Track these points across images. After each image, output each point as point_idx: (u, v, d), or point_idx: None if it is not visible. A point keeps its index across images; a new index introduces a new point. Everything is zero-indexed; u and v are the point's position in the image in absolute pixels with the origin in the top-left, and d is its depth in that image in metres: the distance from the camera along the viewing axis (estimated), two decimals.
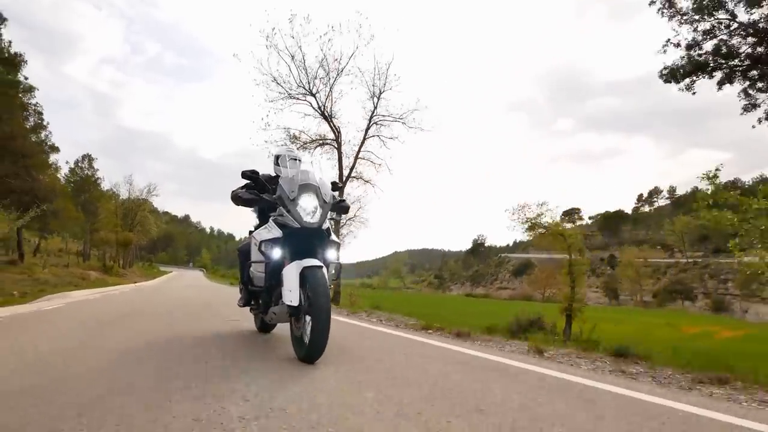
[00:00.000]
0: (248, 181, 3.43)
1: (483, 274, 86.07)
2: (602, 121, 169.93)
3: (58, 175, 25.78)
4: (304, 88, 12.81)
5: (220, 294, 13.00)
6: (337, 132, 13.45)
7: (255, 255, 3.20)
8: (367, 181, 13.82)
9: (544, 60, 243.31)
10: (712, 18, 9.12)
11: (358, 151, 13.56)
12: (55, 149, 22.46)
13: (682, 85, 9.87)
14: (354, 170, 13.64)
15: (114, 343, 3.33)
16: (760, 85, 9.36)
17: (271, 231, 2.92)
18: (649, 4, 9.74)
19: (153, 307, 7.30)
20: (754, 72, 9.07)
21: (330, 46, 12.56)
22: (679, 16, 9.69)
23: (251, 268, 3.36)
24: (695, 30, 9.48)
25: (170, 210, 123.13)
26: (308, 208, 2.83)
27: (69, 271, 19.09)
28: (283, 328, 3.84)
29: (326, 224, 2.96)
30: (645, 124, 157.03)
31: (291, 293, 2.60)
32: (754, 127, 9.63)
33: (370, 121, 13.42)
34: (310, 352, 2.60)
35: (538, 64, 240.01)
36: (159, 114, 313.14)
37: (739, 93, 9.63)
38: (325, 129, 13.69)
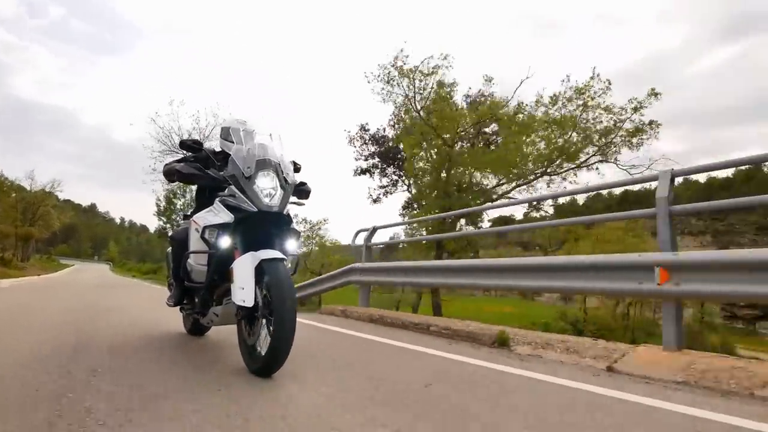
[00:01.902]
0: (188, 153, 2.95)
1: None
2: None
3: None
4: (177, 149, 17.05)
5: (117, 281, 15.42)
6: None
7: (195, 244, 2.60)
8: None
9: (474, 70, 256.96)
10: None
11: None
12: None
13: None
14: None
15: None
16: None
17: (219, 215, 2.39)
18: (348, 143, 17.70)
19: (67, 288, 7.30)
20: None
21: (197, 120, 17.93)
22: (356, 147, 18.14)
23: (189, 260, 2.66)
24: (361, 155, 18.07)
25: (74, 198, 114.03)
26: (266, 189, 2.32)
27: None
28: (219, 331, 3.29)
29: (286, 209, 2.45)
30: None
31: (244, 291, 2.07)
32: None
33: None
34: (268, 362, 2.07)
35: (468, 74, 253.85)
36: (64, 88, 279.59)
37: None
38: None
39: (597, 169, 14.67)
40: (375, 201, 17.62)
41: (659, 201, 3.04)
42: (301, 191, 2.74)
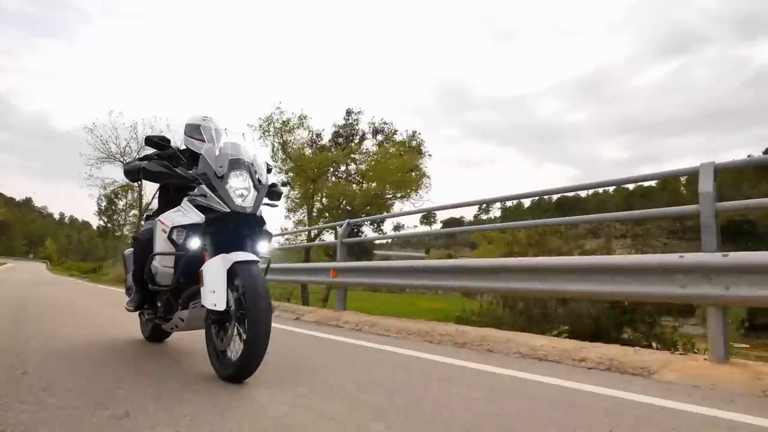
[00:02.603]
0: (153, 150, 2.80)
1: None
2: (482, 132, 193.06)
3: None
4: (116, 155, 19.56)
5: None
6: (140, 183, 18.60)
7: (161, 245, 2.48)
8: None
9: (436, 70, 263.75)
10: None
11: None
12: None
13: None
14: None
15: None
16: None
17: (188, 215, 2.32)
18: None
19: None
20: None
21: (136, 130, 19.13)
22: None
23: (154, 262, 2.53)
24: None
25: (6, 191, 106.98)
26: (239, 189, 2.25)
27: None
28: (179, 337, 3.22)
29: (259, 211, 2.38)
30: (515, 137, 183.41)
31: (215, 294, 2.02)
32: None
33: None
34: (242, 367, 2.01)
35: (430, 73, 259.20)
36: None
37: None
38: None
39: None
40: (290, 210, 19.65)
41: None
42: (273, 192, 2.62)
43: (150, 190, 20.59)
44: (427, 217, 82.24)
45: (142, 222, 3.06)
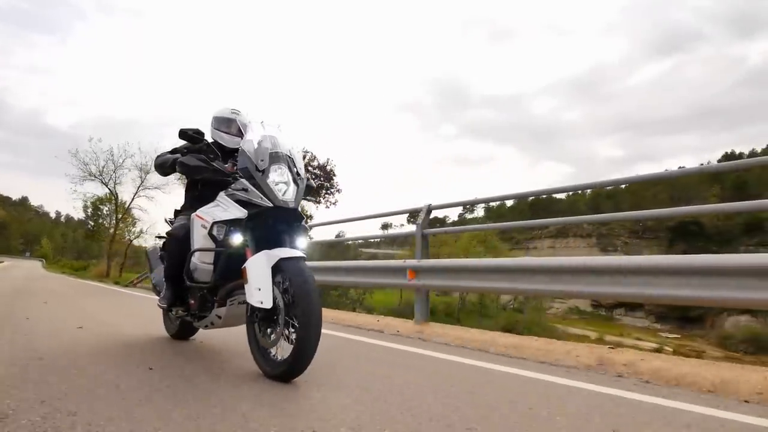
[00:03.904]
0: (184, 142, 2.63)
1: None
2: (479, 130, 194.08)
3: None
4: (96, 174, 22.23)
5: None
6: (115, 195, 23.77)
7: (200, 241, 2.40)
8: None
9: (432, 68, 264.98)
10: None
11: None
12: None
13: None
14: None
15: None
16: None
17: (228, 210, 2.27)
18: None
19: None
20: None
21: (112, 155, 21.61)
22: None
23: (194, 258, 2.44)
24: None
25: (2, 190, 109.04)
26: (279, 184, 2.22)
27: None
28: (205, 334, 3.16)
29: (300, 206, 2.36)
30: (513, 136, 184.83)
31: (261, 292, 1.99)
32: None
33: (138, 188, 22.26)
34: (293, 367, 1.96)
35: (427, 71, 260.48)
36: None
37: None
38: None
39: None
40: None
41: None
42: (307, 187, 2.50)
43: (129, 196, 23.22)
44: (413, 215, 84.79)
45: (166, 219, 3.08)
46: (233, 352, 2.75)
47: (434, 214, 4.97)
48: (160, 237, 3.13)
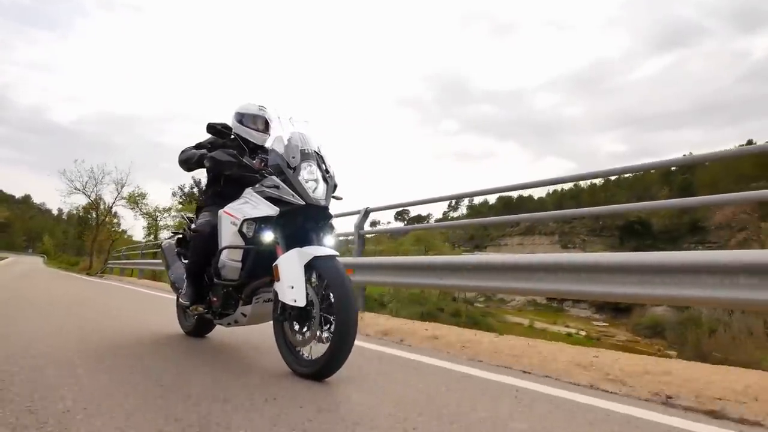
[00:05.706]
0: (211, 137, 2.66)
1: None
2: (480, 125, 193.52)
3: None
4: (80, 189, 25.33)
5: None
6: (96, 204, 27.28)
7: (229, 238, 2.35)
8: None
9: (433, 63, 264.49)
10: None
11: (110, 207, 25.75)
12: None
13: None
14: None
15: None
16: None
17: (258, 207, 2.25)
18: None
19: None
20: None
21: (93, 173, 24.01)
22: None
23: (222, 256, 2.39)
24: None
25: (5, 188, 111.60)
26: (310, 181, 2.20)
27: None
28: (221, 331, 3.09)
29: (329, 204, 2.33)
30: (514, 131, 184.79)
31: (294, 290, 1.97)
32: None
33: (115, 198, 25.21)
34: (328, 365, 1.94)
35: (427, 66, 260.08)
36: None
37: None
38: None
39: None
40: None
41: None
42: (334, 185, 2.41)
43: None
44: (402, 213, 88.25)
45: (184, 215, 3.01)
46: (253, 348, 2.82)
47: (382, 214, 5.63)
48: (176, 233, 3.12)
